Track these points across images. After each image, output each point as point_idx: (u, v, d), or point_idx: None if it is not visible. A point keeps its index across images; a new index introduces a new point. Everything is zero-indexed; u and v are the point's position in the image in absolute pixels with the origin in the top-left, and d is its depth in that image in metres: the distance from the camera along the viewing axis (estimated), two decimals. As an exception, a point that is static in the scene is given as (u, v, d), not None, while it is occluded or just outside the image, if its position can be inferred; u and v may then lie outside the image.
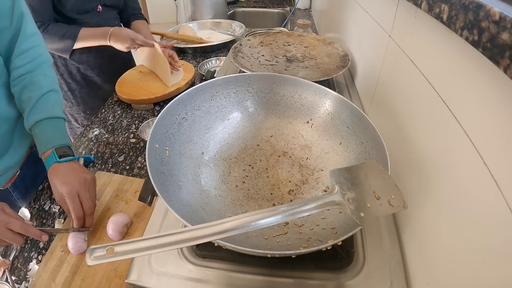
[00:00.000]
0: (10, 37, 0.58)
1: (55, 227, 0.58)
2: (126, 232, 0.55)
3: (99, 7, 0.97)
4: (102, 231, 0.56)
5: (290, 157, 0.54)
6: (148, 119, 0.86)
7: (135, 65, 1.18)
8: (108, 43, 0.92)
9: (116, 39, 0.91)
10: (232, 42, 1.26)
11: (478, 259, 0.27)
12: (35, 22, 0.64)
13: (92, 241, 0.55)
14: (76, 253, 0.52)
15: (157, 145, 0.43)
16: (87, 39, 0.91)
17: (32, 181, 0.71)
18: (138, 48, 0.94)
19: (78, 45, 0.91)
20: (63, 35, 0.88)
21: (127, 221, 0.55)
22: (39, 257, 0.53)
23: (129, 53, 1.15)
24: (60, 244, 0.54)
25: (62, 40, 0.89)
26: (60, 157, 0.55)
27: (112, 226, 0.53)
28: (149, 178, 0.36)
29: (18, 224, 0.48)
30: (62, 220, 0.59)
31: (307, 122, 0.56)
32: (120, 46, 0.92)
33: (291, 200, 0.48)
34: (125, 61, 1.15)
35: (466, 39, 0.27)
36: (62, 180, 0.53)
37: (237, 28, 1.40)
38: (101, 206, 0.60)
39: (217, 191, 0.48)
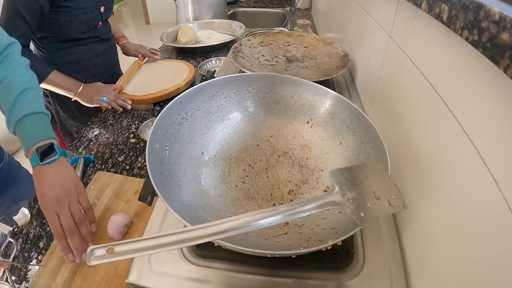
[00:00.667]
0: None
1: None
2: (126, 232, 0.55)
3: (100, 23, 0.97)
4: (102, 231, 0.56)
5: (290, 157, 0.54)
6: (148, 119, 0.86)
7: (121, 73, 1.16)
8: (73, 98, 0.88)
9: (84, 95, 0.88)
10: (232, 42, 1.26)
11: (478, 259, 0.27)
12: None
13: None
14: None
15: (157, 145, 0.43)
16: (53, 85, 0.87)
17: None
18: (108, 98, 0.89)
19: (44, 85, 0.86)
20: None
21: (127, 221, 0.55)
22: (39, 257, 0.53)
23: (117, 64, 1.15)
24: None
25: None
26: (42, 158, 0.51)
27: (112, 226, 0.53)
28: (149, 178, 0.36)
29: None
30: (62, 220, 0.59)
31: (307, 122, 0.56)
32: (85, 102, 0.89)
33: (291, 200, 0.48)
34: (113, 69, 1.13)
35: (466, 39, 0.27)
36: (42, 191, 0.49)
37: (237, 28, 1.40)
38: (101, 206, 0.60)
39: (217, 191, 0.48)
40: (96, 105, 0.88)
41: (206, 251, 0.42)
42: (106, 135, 0.82)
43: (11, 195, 0.80)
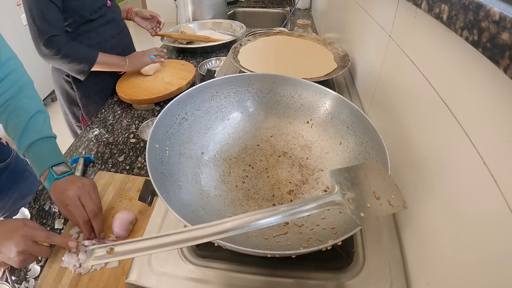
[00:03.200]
0: None
1: (55, 227, 0.58)
2: (131, 229, 0.56)
3: (108, 1, 1.00)
4: (107, 230, 0.56)
5: (290, 157, 0.54)
6: (148, 119, 0.86)
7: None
8: (124, 69, 1.00)
9: (132, 64, 1.00)
10: (232, 42, 1.26)
11: (478, 259, 0.27)
12: (50, 36, 0.63)
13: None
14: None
15: (157, 145, 0.43)
16: (103, 65, 0.95)
17: None
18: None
19: (94, 68, 0.94)
20: (81, 59, 0.90)
21: (132, 218, 0.56)
22: (39, 257, 0.53)
23: None
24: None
25: (80, 63, 0.91)
26: (57, 175, 0.56)
27: (118, 224, 0.54)
28: (149, 178, 0.36)
29: (43, 234, 0.49)
30: (62, 220, 0.59)
31: (307, 122, 0.56)
32: (137, 68, 1.02)
33: (291, 200, 0.48)
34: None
35: (466, 39, 0.27)
36: (61, 191, 0.54)
37: (237, 28, 1.40)
38: (105, 205, 0.61)
39: (217, 191, 0.48)
40: (147, 65, 1.02)
41: (206, 251, 0.42)
42: (106, 135, 0.82)
43: (18, 190, 0.81)
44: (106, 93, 1.04)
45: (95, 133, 0.83)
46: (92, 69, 0.93)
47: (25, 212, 0.61)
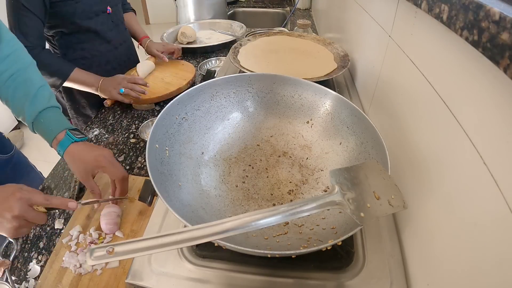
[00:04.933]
0: None
1: (55, 227, 0.58)
2: (119, 222, 0.57)
3: (109, 8, 0.94)
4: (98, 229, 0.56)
5: (290, 157, 0.54)
6: (148, 119, 0.86)
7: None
8: (97, 92, 0.89)
9: (104, 90, 0.88)
10: (232, 42, 1.26)
11: (478, 259, 0.27)
12: (25, 46, 0.63)
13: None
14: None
15: (157, 145, 0.43)
16: (76, 82, 0.88)
17: None
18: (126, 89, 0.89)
19: (67, 84, 0.88)
20: (53, 71, 0.84)
21: (118, 211, 0.57)
22: (39, 257, 0.53)
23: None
24: (64, 246, 0.54)
25: (52, 76, 0.85)
26: (76, 137, 0.58)
27: (105, 221, 0.54)
28: (149, 178, 0.36)
29: (41, 197, 0.47)
30: (62, 220, 0.59)
31: (307, 122, 0.56)
32: (107, 96, 0.89)
33: (291, 200, 0.48)
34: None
35: (466, 39, 0.27)
36: (91, 155, 0.56)
37: (237, 28, 1.40)
38: (103, 206, 0.60)
39: (217, 191, 0.48)
40: (117, 98, 0.88)
41: (206, 251, 0.42)
42: (106, 135, 0.82)
43: (22, 183, 0.81)
44: (96, 106, 0.98)
45: (95, 133, 0.83)
46: (64, 85, 0.88)
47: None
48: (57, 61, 0.86)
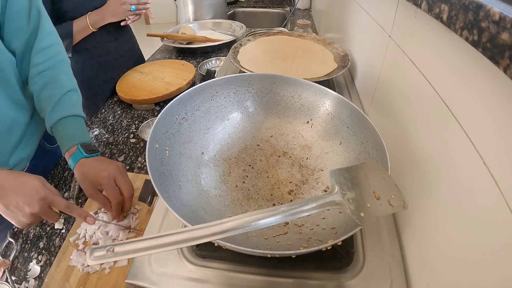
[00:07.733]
0: (28, 36, 0.58)
1: (55, 228, 0.58)
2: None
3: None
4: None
5: (290, 157, 0.54)
6: (148, 119, 0.86)
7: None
8: (104, 22, 0.93)
9: (113, 14, 0.93)
10: (232, 42, 1.26)
11: (478, 259, 0.27)
12: None
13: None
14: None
15: (157, 145, 0.43)
16: (83, 31, 0.90)
17: (41, 173, 0.73)
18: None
19: (76, 40, 0.91)
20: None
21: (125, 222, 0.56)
22: (39, 257, 0.53)
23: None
24: (72, 244, 0.54)
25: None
26: (86, 153, 0.56)
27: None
28: (149, 178, 0.36)
29: (63, 203, 0.47)
30: (62, 220, 0.59)
31: (307, 122, 0.56)
32: (116, 18, 0.95)
33: (291, 200, 0.48)
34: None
35: (466, 39, 0.27)
36: (95, 171, 0.53)
37: (238, 28, 1.40)
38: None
39: (217, 191, 0.48)
40: (128, 15, 0.95)
41: (206, 251, 0.42)
42: (106, 135, 0.82)
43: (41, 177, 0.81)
44: (95, 108, 0.99)
45: (95, 133, 0.83)
46: (77, 40, 0.90)
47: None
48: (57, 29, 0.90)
